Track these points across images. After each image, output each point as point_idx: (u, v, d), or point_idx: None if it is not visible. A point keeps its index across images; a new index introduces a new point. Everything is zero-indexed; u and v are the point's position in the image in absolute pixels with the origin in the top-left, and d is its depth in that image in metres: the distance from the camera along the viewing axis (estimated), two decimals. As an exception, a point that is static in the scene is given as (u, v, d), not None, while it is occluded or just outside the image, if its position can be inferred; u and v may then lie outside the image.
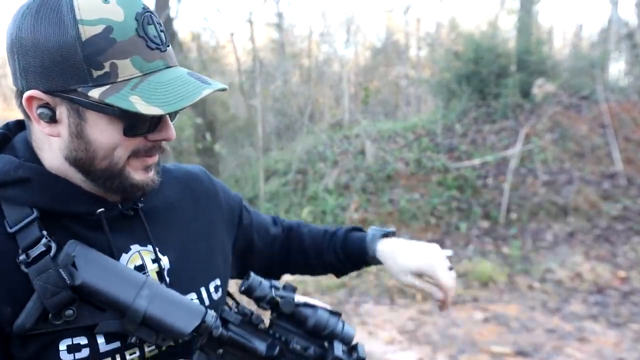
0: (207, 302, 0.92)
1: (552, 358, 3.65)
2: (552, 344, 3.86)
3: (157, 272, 0.87)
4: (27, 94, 0.74)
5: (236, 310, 0.86)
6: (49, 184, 0.79)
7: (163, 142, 0.82)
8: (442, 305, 1.09)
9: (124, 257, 0.84)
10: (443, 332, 4.09)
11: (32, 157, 0.81)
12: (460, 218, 6.67)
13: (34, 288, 0.73)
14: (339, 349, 0.89)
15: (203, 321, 0.81)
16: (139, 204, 0.87)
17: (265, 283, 0.90)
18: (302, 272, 1.24)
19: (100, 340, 0.78)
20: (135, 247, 0.86)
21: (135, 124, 0.76)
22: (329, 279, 5.18)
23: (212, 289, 0.94)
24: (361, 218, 6.71)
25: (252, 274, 0.90)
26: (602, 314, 4.40)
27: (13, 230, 0.75)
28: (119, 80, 0.72)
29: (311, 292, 4.91)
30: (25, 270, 0.74)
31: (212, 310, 0.84)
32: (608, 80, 8.95)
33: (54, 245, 0.76)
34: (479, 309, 4.57)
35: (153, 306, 0.78)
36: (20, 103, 0.77)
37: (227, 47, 11.43)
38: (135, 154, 0.80)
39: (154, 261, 0.86)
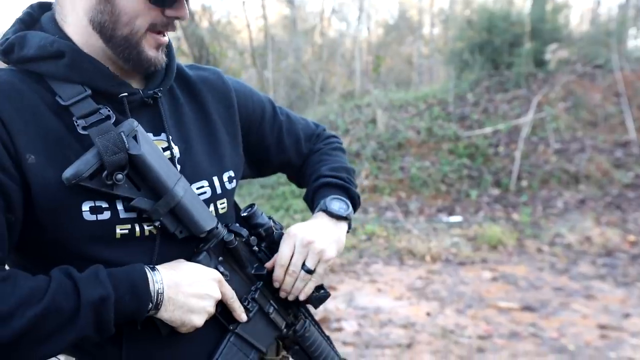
0: (219, 190, 0.96)
1: (558, 313, 3.70)
2: (558, 300, 3.90)
3: (169, 159, 0.90)
4: None
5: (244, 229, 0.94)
6: (80, 61, 0.83)
7: (176, 20, 0.86)
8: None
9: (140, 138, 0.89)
10: (451, 290, 4.15)
11: (62, 34, 0.86)
12: (470, 185, 6.69)
13: (78, 154, 0.78)
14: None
15: (216, 227, 0.89)
16: (159, 94, 0.91)
17: (265, 215, 1.00)
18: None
19: (120, 207, 0.83)
20: (149, 135, 0.89)
21: None
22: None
23: (225, 179, 0.98)
24: (372, 185, 6.75)
25: (255, 205, 0.99)
26: (610, 274, 4.43)
27: (67, 103, 0.81)
28: None
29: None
30: (84, 132, 0.79)
31: (220, 223, 0.91)
32: (627, 49, 8.82)
33: (113, 115, 0.82)
34: (487, 269, 4.62)
35: (186, 198, 0.84)
36: None
37: (238, 19, 11.40)
38: (152, 28, 0.84)
39: (165, 149, 0.91)
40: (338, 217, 1.05)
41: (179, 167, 0.91)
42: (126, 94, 0.86)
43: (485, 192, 6.60)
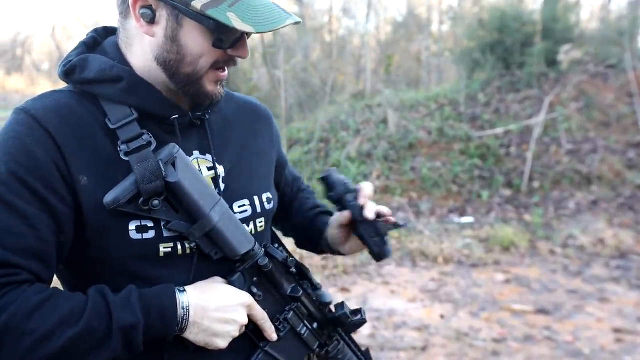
0: (259, 210, 1.00)
1: (572, 316, 3.70)
2: (573, 304, 3.91)
3: (213, 179, 0.95)
4: None
5: (281, 251, 0.96)
6: (137, 86, 0.87)
7: (237, 58, 0.90)
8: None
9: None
10: (464, 292, 4.17)
11: (122, 59, 0.90)
12: (482, 186, 6.69)
13: (123, 176, 0.83)
14: (347, 308, 1.00)
15: (252, 249, 0.91)
16: (207, 116, 0.96)
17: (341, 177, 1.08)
18: (283, 231, 1.30)
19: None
20: (196, 154, 0.94)
21: (222, 38, 0.84)
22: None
23: (264, 199, 1.02)
24: (383, 186, 6.77)
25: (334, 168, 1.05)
26: (624, 276, 4.42)
27: (115, 126, 0.85)
28: None
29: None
30: (125, 158, 0.83)
31: (259, 245, 0.93)
32: (637, 48, 8.76)
33: (154, 142, 0.85)
34: (500, 271, 4.63)
35: (222, 222, 0.87)
36: (123, 2, 0.87)
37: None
38: (214, 65, 0.88)
39: (209, 169, 0.95)
40: None
41: (222, 185, 0.95)
42: (177, 116, 0.90)
43: (496, 193, 6.59)
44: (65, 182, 0.81)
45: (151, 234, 0.85)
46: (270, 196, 1.04)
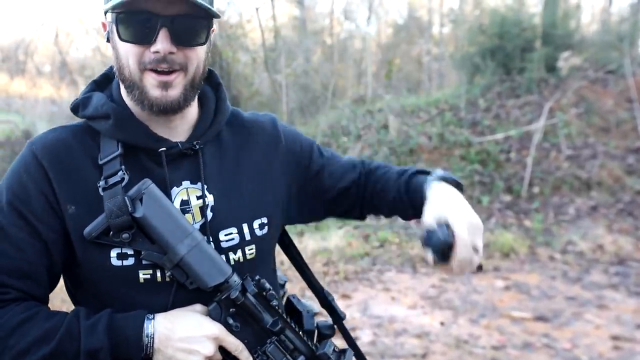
0: (247, 237, 1.02)
1: (571, 323, 3.74)
2: (571, 310, 3.95)
3: (200, 208, 0.98)
4: (102, 21, 0.94)
5: (256, 283, 0.96)
6: (124, 122, 0.94)
7: (170, 56, 0.90)
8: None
9: (175, 189, 0.97)
10: (464, 298, 4.21)
11: (118, 94, 0.97)
12: (482, 192, 6.73)
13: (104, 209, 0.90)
14: (330, 347, 1.01)
15: (226, 281, 0.93)
16: (197, 145, 0.98)
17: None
18: (379, 214, 1.24)
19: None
20: (185, 184, 0.98)
21: (127, 30, 0.89)
22: (352, 249, 5.32)
23: (255, 226, 1.03)
24: (384, 191, 6.81)
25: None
26: (623, 283, 4.46)
27: (102, 162, 0.93)
28: None
29: (335, 260, 5.06)
30: (102, 193, 0.91)
31: (237, 276, 0.95)
32: (637, 54, 8.81)
33: (126, 177, 0.92)
34: (500, 277, 4.67)
35: (190, 255, 0.91)
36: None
37: (250, 23, 11.48)
38: (144, 67, 0.90)
39: (198, 197, 0.98)
40: (457, 184, 1.06)
41: (210, 214, 0.99)
42: (164, 148, 0.95)
43: (496, 198, 6.63)
44: (54, 211, 0.91)
45: (130, 261, 0.92)
46: (266, 221, 1.05)
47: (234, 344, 0.94)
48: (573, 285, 4.47)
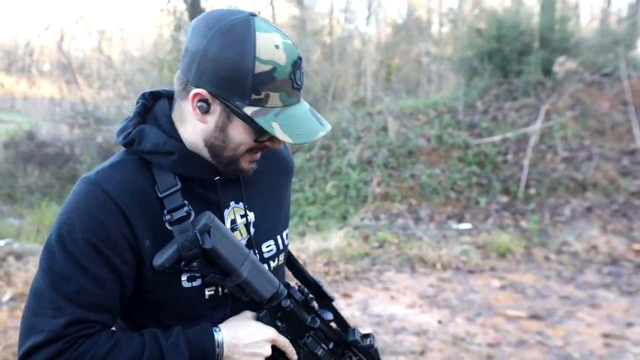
0: (281, 247, 1.20)
1: (564, 321, 3.88)
2: (565, 309, 4.09)
3: (245, 225, 1.13)
4: (196, 90, 0.97)
5: (299, 289, 1.16)
6: (187, 159, 1.04)
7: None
8: None
9: (226, 212, 1.11)
10: (461, 298, 4.34)
11: (173, 131, 1.05)
12: (479, 193, 6.87)
13: (171, 238, 1.00)
14: (357, 334, 1.22)
15: (277, 292, 1.09)
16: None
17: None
18: None
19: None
20: (232, 204, 1.12)
21: (263, 136, 1.01)
22: (353, 249, 5.45)
23: (284, 236, 1.22)
24: (383, 192, 6.95)
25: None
26: (615, 283, 4.60)
27: (162, 195, 1.01)
28: (267, 106, 0.96)
29: (336, 260, 5.19)
30: (170, 227, 0.99)
31: (282, 286, 1.11)
32: (635, 56, 8.94)
33: (193, 213, 1.01)
34: (496, 277, 4.80)
35: (250, 274, 1.05)
36: (183, 88, 1.01)
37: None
38: (249, 151, 1.04)
39: (242, 216, 1.13)
40: None
41: (253, 230, 1.14)
42: (218, 177, 1.09)
43: (494, 199, 6.77)
44: (131, 248, 0.99)
45: (198, 281, 1.06)
46: (288, 231, 1.24)
47: (284, 343, 1.11)
48: (567, 284, 4.61)
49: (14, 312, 4.04)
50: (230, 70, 0.94)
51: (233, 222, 1.12)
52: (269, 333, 1.09)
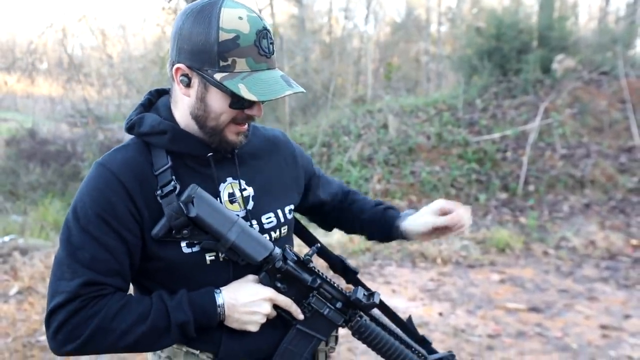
0: (282, 220, 1.27)
1: (563, 314, 3.95)
2: (563, 302, 4.16)
3: (244, 198, 1.22)
4: (176, 65, 1.11)
5: (294, 252, 1.22)
6: (178, 136, 1.15)
7: (254, 116, 1.15)
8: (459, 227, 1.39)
9: (222, 185, 1.19)
10: (461, 291, 4.41)
11: (169, 116, 1.18)
12: (479, 190, 6.94)
13: (164, 212, 1.11)
14: (360, 293, 1.25)
15: (270, 254, 1.16)
16: (235, 150, 1.22)
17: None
18: (343, 228, 1.58)
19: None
20: (229, 180, 1.21)
21: (238, 102, 1.10)
22: (354, 244, 5.52)
23: (287, 211, 1.29)
24: (384, 189, 7.01)
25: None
26: (613, 277, 4.67)
27: (157, 173, 1.13)
28: (235, 71, 1.06)
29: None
30: (160, 200, 1.11)
31: (278, 249, 1.18)
32: (633, 55, 9.01)
33: (178, 186, 1.12)
34: (495, 272, 4.88)
35: (238, 238, 1.13)
36: (170, 69, 1.13)
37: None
38: (233, 121, 1.14)
39: (240, 190, 1.22)
40: None
41: (252, 203, 1.23)
42: (211, 154, 1.18)
43: (493, 196, 6.84)
44: (135, 220, 1.10)
45: (197, 247, 1.15)
46: (292, 207, 1.32)
47: (285, 301, 1.18)
48: (565, 278, 4.68)
49: (22, 305, 4.10)
50: (200, 42, 1.06)
51: (231, 194, 1.20)
52: (266, 292, 1.16)
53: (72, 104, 11.75)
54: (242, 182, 1.22)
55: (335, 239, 5.54)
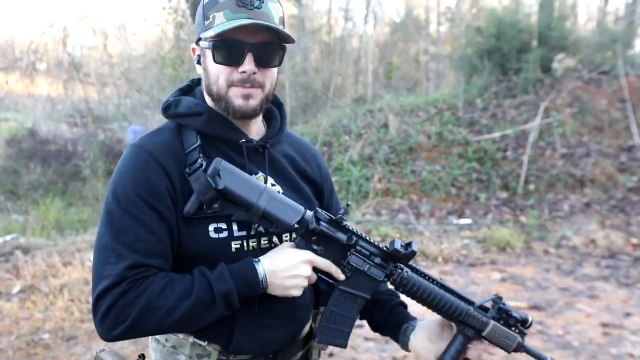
0: None
1: (564, 312, 3.97)
2: (564, 300, 4.17)
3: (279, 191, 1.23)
4: (192, 46, 1.20)
5: (326, 213, 1.20)
6: (213, 118, 1.19)
7: (253, 75, 1.14)
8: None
9: (253, 177, 1.20)
10: (463, 290, 4.42)
11: (204, 100, 1.22)
12: (479, 189, 6.95)
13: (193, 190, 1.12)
14: (398, 243, 1.22)
15: (302, 218, 1.15)
16: (268, 145, 1.24)
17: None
18: None
19: (234, 227, 1.16)
20: (260, 173, 1.23)
21: (220, 54, 1.13)
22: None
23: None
24: (384, 188, 7.03)
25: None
26: (613, 275, 4.69)
27: (187, 151, 1.15)
28: (215, 25, 1.12)
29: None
30: (188, 178, 1.12)
31: (309, 211, 1.18)
32: (632, 55, 9.03)
33: (204, 163, 1.13)
34: (496, 270, 4.89)
35: (269, 205, 1.12)
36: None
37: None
38: (232, 84, 1.14)
39: (272, 185, 1.23)
40: None
41: None
42: (243, 140, 1.20)
43: (493, 195, 6.86)
44: (172, 199, 1.12)
45: (224, 234, 1.15)
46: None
47: (324, 263, 1.17)
48: (566, 277, 4.70)
49: (24, 304, 4.11)
50: (197, 16, 1.16)
51: None
52: (305, 255, 1.15)
53: (72, 104, 11.76)
54: (270, 179, 1.23)
55: (336, 237, 5.55)
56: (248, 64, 1.12)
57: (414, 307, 1.38)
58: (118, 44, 13.96)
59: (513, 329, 1.32)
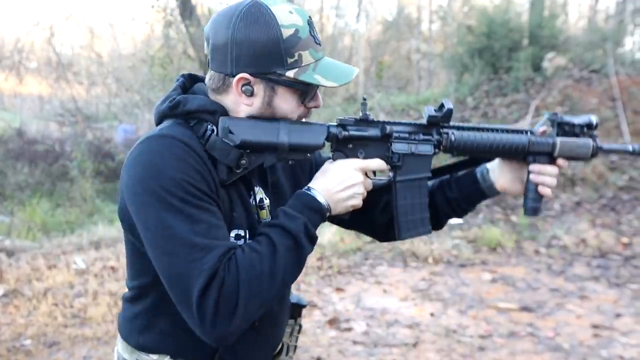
0: None
1: (554, 313, 3.94)
2: (555, 301, 4.14)
3: (269, 206, 1.19)
4: (238, 76, 1.07)
5: (347, 116, 1.19)
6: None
7: (313, 108, 1.15)
8: None
9: (256, 188, 1.17)
10: (453, 291, 4.39)
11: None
12: (470, 188, 6.92)
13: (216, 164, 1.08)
14: (431, 109, 1.21)
15: (329, 132, 1.13)
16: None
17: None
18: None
19: (248, 235, 1.12)
20: (257, 188, 1.19)
21: (305, 96, 1.10)
22: (345, 244, 5.48)
23: None
24: (375, 188, 6.98)
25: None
26: (604, 275, 4.67)
27: (199, 135, 1.09)
28: (303, 65, 1.07)
29: (329, 255, 5.22)
30: (205, 147, 1.07)
31: (331, 123, 1.15)
32: (622, 53, 9.05)
33: (214, 128, 1.08)
34: (487, 271, 4.86)
35: (291, 137, 1.10)
36: (222, 83, 1.11)
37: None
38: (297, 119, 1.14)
39: (262, 199, 1.19)
40: None
41: (268, 212, 1.19)
42: None
43: (484, 194, 6.83)
44: (214, 182, 1.07)
45: (241, 241, 1.11)
46: None
47: (375, 162, 1.16)
48: (557, 277, 4.67)
49: (7, 308, 4.03)
50: (264, 45, 1.05)
51: (261, 200, 1.18)
52: (352, 163, 1.13)
53: (61, 103, 11.63)
54: (262, 191, 1.19)
55: (326, 239, 5.51)
56: (319, 99, 1.14)
57: (409, 310, 1.33)
58: (107, 43, 13.82)
59: (581, 136, 1.27)
